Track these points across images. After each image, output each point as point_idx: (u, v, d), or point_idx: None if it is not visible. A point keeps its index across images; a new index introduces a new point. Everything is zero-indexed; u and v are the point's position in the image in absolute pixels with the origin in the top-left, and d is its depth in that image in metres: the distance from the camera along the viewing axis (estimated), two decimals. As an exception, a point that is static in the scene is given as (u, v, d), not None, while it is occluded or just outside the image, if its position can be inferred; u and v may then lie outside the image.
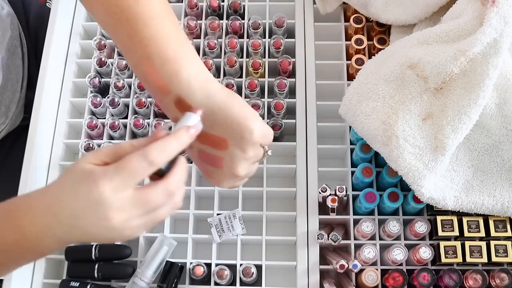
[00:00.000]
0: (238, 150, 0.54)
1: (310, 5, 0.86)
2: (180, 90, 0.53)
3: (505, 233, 0.67)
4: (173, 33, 0.55)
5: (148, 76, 0.54)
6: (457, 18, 0.65)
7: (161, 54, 0.53)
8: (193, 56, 0.55)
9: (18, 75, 0.88)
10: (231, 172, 0.56)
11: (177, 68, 0.53)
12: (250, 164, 0.57)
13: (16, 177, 0.77)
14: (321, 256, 0.72)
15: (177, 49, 0.54)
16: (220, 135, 0.54)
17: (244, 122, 0.53)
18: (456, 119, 0.62)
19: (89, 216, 0.46)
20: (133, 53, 0.55)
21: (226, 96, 0.54)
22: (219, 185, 0.59)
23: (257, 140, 0.54)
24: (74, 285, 0.71)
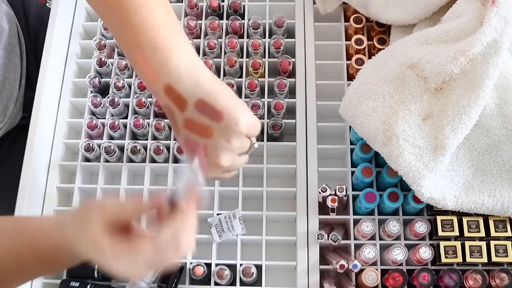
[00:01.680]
0: (222, 139, 0.54)
1: (310, 5, 0.86)
2: (170, 78, 0.53)
3: (505, 233, 0.67)
4: (165, 20, 0.55)
5: (139, 63, 0.54)
6: (457, 18, 0.65)
7: (151, 42, 0.53)
8: (184, 43, 0.55)
9: (16, 73, 0.88)
10: (214, 162, 0.55)
11: (167, 56, 0.53)
12: (235, 155, 0.56)
13: (16, 177, 0.77)
14: (321, 256, 0.72)
15: (168, 37, 0.54)
16: (206, 123, 0.54)
17: (231, 112, 0.53)
18: (456, 119, 0.62)
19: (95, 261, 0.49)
20: (124, 40, 0.55)
21: (215, 85, 0.54)
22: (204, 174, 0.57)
23: (242, 130, 0.54)
24: (74, 285, 0.71)
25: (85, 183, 0.81)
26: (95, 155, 0.79)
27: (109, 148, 0.78)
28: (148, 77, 0.54)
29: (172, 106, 0.55)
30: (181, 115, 0.55)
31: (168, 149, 0.79)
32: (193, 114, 0.54)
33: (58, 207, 0.78)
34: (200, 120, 0.54)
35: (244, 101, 0.80)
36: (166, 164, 0.78)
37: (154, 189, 0.78)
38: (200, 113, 0.54)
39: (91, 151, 0.78)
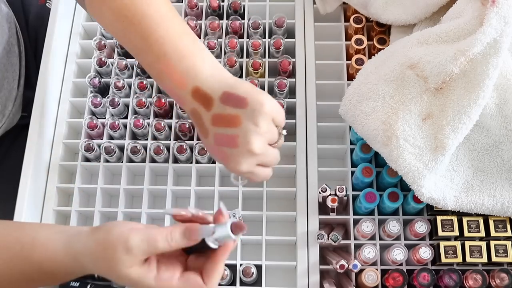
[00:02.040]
0: (250, 124, 0.56)
1: (310, 5, 0.86)
2: (196, 80, 0.57)
3: (505, 233, 0.67)
4: (184, 29, 0.59)
5: (165, 72, 0.58)
6: (457, 18, 0.65)
7: (177, 51, 0.57)
8: (204, 48, 0.59)
9: (14, 73, 0.88)
10: (246, 149, 0.57)
11: (192, 62, 0.57)
12: (265, 142, 0.58)
13: (15, 177, 0.77)
14: (321, 256, 0.72)
15: (190, 44, 0.58)
16: (233, 113, 0.56)
17: (254, 95, 0.56)
18: (456, 119, 0.62)
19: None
20: (148, 53, 0.58)
21: (237, 79, 0.58)
22: (237, 167, 0.59)
23: (268, 111, 0.56)
24: (74, 285, 0.71)
25: (85, 183, 0.81)
26: (95, 155, 0.79)
27: (109, 148, 0.78)
28: (176, 84, 0.58)
29: (199, 108, 0.58)
30: (208, 113, 0.57)
31: (168, 149, 0.79)
32: (220, 108, 0.57)
33: (58, 207, 0.78)
34: (227, 112, 0.56)
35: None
36: (166, 164, 0.78)
37: (154, 189, 0.78)
38: (226, 105, 0.56)
39: (91, 151, 0.78)
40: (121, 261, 0.49)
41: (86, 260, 0.51)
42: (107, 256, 0.49)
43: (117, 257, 0.49)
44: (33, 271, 0.53)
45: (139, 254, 0.49)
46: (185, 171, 0.80)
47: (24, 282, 0.54)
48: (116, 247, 0.49)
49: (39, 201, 0.77)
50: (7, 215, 0.75)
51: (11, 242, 0.54)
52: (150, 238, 0.49)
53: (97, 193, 0.78)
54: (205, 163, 0.78)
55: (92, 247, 0.51)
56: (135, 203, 0.82)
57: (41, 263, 0.53)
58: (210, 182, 0.78)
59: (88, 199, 0.83)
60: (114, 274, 0.50)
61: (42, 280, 0.54)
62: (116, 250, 0.49)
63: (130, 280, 0.50)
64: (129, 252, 0.49)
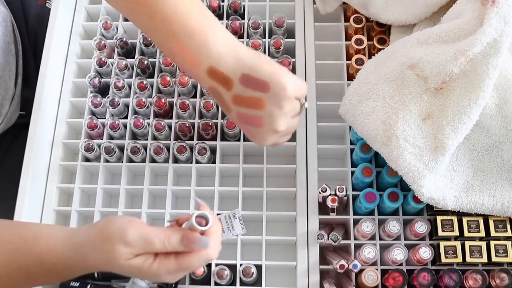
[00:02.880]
0: (275, 107, 0.56)
1: (310, 5, 0.86)
2: (211, 60, 0.55)
3: (505, 233, 0.67)
4: (193, 6, 0.56)
5: (177, 52, 0.56)
6: (457, 18, 0.65)
7: (186, 29, 0.54)
8: (216, 23, 0.57)
9: (11, 72, 0.88)
10: (272, 129, 0.57)
11: (204, 39, 0.55)
12: (289, 119, 0.58)
13: (15, 176, 0.77)
14: (321, 256, 0.72)
15: (201, 21, 0.55)
16: (256, 95, 0.56)
17: (276, 79, 0.55)
18: (456, 119, 0.62)
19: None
20: (157, 32, 0.56)
21: (255, 57, 0.56)
22: (263, 142, 0.60)
23: (291, 94, 0.56)
24: (74, 285, 0.71)
25: (85, 183, 0.81)
26: (95, 155, 0.79)
27: (109, 148, 0.78)
28: (189, 63, 0.56)
29: (218, 87, 0.56)
30: (228, 93, 0.56)
31: (168, 149, 0.79)
32: (241, 90, 0.56)
33: (58, 207, 0.78)
34: (248, 94, 0.56)
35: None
36: (166, 164, 0.78)
37: (154, 189, 0.78)
38: (246, 88, 0.55)
39: (91, 151, 0.78)
40: (120, 254, 0.50)
41: (87, 251, 0.52)
42: (106, 248, 0.50)
43: (115, 250, 0.50)
44: (33, 264, 0.53)
45: (136, 248, 0.50)
46: (185, 171, 0.80)
47: (23, 276, 0.54)
48: (114, 239, 0.50)
49: (39, 201, 0.77)
50: (7, 214, 0.75)
51: (13, 237, 0.54)
52: (148, 238, 0.50)
53: (97, 193, 0.78)
54: (205, 163, 0.78)
55: (93, 237, 0.51)
56: (135, 203, 0.82)
57: (41, 254, 0.53)
58: (210, 182, 0.78)
59: (88, 199, 0.83)
60: (114, 265, 0.51)
61: (41, 274, 0.54)
62: (114, 242, 0.50)
63: (131, 269, 0.50)
64: (127, 245, 0.50)
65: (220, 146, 0.79)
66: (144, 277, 0.53)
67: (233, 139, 0.80)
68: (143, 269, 0.51)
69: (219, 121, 0.79)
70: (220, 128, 0.79)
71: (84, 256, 0.52)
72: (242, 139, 0.79)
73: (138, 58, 0.83)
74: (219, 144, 0.79)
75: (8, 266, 0.53)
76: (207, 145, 0.77)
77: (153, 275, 0.51)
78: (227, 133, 0.79)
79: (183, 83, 0.80)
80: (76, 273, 0.54)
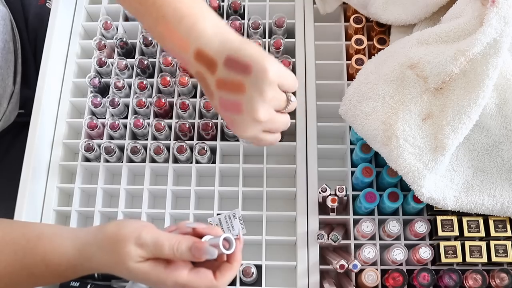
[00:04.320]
0: (255, 92, 0.54)
1: (310, 5, 0.86)
2: (199, 42, 0.55)
3: (505, 233, 0.67)
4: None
5: (166, 35, 0.56)
6: (457, 18, 0.65)
7: (176, 12, 0.55)
8: (207, 9, 0.57)
9: (9, 70, 0.87)
10: (251, 117, 0.56)
11: (192, 22, 0.55)
12: (271, 108, 0.57)
13: (15, 176, 0.77)
14: (321, 256, 0.72)
15: (191, 5, 0.56)
16: (237, 79, 0.55)
17: (258, 62, 0.54)
18: (456, 119, 0.62)
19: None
20: (147, 16, 0.56)
21: (241, 41, 0.56)
22: (244, 133, 0.58)
23: (272, 78, 0.54)
24: (74, 285, 0.71)
25: (85, 183, 0.81)
26: (95, 155, 0.79)
27: (109, 148, 0.78)
28: (178, 46, 0.56)
29: (204, 71, 0.56)
30: (212, 77, 0.56)
31: (168, 149, 0.79)
32: (224, 73, 0.55)
33: (58, 207, 0.78)
34: (231, 78, 0.55)
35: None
36: (166, 164, 0.78)
37: (154, 189, 0.78)
38: (230, 71, 0.55)
39: (91, 151, 0.78)
40: (131, 255, 0.49)
41: (93, 252, 0.51)
42: (117, 249, 0.50)
43: (127, 251, 0.49)
44: (36, 263, 0.53)
45: (147, 251, 0.50)
46: (185, 171, 0.80)
47: (25, 276, 0.54)
48: (128, 240, 0.50)
49: (39, 201, 0.77)
50: (7, 214, 0.75)
51: (17, 237, 0.54)
52: (158, 242, 0.50)
53: (97, 193, 0.78)
54: (205, 163, 0.78)
55: (102, 239, 0.51)
56: (135, 203, 0.82)
57: (45, 254, 0.53)
58: (210, 182, 0.78)
59: (88, 199, 0.83)
60: (122, 267, 0.50)
61: (43, 275, 0.54)
62: (127, 243, 0.50)
63: (139, 273, 0.50)
64: (141, 247, 0.50)
65: (220, 146, 0.79)
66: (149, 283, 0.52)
67: (233, 139, 0.80)
68: (151, 275, 0.50)
69: (219, 121, 0.79)
70: (220, 128, 0.79)
71: (89, 257, 0.52)
72: (242, 139, 0.79)
73: (138, 58, 0.83)
74: (219, 144, 0.79)
75: (11, 266, 0.53)
76: (207, 145, 0.77)
77: (159, 283, 0.51)
78: (227, 133, 0.79)
79: (183, 83, 0.80)
80: (79, 274, 0.54)
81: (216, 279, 0.52)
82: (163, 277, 0.50)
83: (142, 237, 0.50)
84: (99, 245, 0.51)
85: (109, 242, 0.51)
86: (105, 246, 0.51)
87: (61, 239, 0.53)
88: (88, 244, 0.52)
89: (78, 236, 0.53)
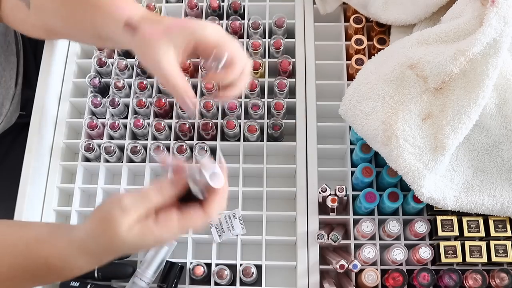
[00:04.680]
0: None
1: (310, 5, 0.86)
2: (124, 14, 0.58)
3: (505, 233, 0.67)
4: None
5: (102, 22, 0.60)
6: (457, 18, 0.65)
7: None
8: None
9: (12, 71, 0.88)
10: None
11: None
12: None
13: (15, 176, 0.77)
14: (321, 256, 0.72)
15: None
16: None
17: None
18: (456, 119, 0.62)
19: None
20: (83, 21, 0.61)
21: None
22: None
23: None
24: (74, 285, 0.71)
25: (85, 183, 0.81)
26: (95, 155, 0.79)
27: (109, 148, 0.78)
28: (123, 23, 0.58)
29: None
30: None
31: (168, 149, 0.79)
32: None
33: (58, 207, 0.78)
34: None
35: (244, 101, 0.80)
36: (166, 164, 0.78)
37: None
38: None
39: (91, 151, 0.78)
40: (120, 225, 0.48)
41: (90, 245, 0.51)
42: (105, 226, 0.49)
43: (114, 223, 0.49)
44: (38, 267, 0.53)
45: (135, 211, 0.49)
46: (185, 171, 0.80)
47: (29, 277, 0.54)
48: (111, 211, 0.49)
49: (39, 201, 0.77)
50: (7, 214, 0.76)
51: (16, 240, 0.54)
52: (142, 194, 0.50)
53: (97, 193, 0.78)
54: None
55: (90, 226, 0.51)
56: (135, 203, 0.82)
57: (47, 258, 0.53)
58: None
59: (88, 199, 0.83)
60: (118, 242, 0.49)
61: (48, 276, 0.54)
62: (112, 215, 0.49)
63: (134, 240, 0.49)
64: (125, 211, 0.49)
65: (220, 146, 0.79)
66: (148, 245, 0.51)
67: (233, 139, 0.80)
68: (145, 235, 0.49)
69: (219, 121, 0.79)
70: (220, 128, 0.79)
71: (89, 253, 0.52)
72: (242, 139, 0.79)
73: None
74: (219, 144, 0.79)
75: (14, 269, 0.54)
76: (207, 145, 0.77)
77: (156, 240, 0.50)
78: (227, 133, 0.79)
79: (183, 83, 0.80)
80: (85, 270, 0.54)
81: (205, 210, 0.51)
82: (157, 233, 0.50)
83: (124, 201, 0.49)
84: (91, 235, 0.51)
85: (97, 223, 0.51)
86: (96, 230, 0.51)
87: (61, 242, 0.53)
88: (83, 241, 0.52)
89: (74, 237, 0.53)
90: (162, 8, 0.88)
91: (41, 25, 0.70)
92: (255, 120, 0.78)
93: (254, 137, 0.78)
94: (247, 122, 0.77)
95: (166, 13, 0.89)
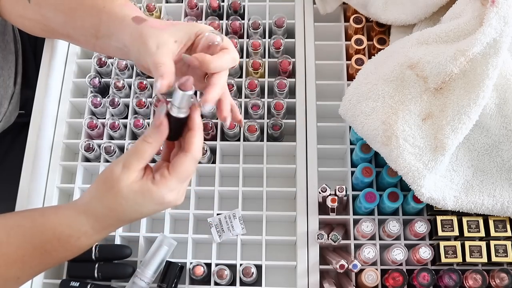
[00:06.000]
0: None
1: (310, 5, 0.86)
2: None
3: (505, 233, 0.67)
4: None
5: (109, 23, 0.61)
6: (457, 18, 0.65)
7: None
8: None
9: (10, 71, 0.87)
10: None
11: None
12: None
13: (16, 176, 0.77)
14: (321, 256, 0.72)
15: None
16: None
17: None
18: (456, 119, 0.62)
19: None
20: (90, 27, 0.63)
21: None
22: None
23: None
24: (74, 285, 0.71)
25: (85, 183, 0.81)
26: (95, 155, 0.79)
27: (109, 148, 0.78)
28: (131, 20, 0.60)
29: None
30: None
31: (168, 149, 0.79)
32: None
33: (58, 207, 0.78)
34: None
35: (244, 101, 0.80)
36: (166, 164, 0.78)
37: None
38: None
39: (91, 151, 0.78)
40: (122, 180, 0.51)
41: (93, 204, 0.53)
42: (109, 184, 0.52)
43: (117, 180, 0.51)
44: (48, 239, 0.54)
45: (134, 167, 0.51)
46: (185, 171, 0.80)
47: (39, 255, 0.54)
48: (113, 170, 0.51)
49: (39, 201, 0.77)
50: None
51: (20, 220, 0.55)
52: (134, 149, 0.52)
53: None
54: (205, 163, 0.78)
55: (95, 187, 0.53)
56: (135, 203, 0.82)
57: (54, 229, 0.54)
58: (210, 182, 0.78)
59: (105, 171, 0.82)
60: (120, 200, 0.51)
61: (57, 250, 0.54)
62: (113, 173, 0.51)
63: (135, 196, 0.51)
64: (125, 166, 0.51)
65: (220, 146, 0.79)
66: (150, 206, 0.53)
67: (233, 139, 0.80)
68: (145, 193, 0.51)
69: (219, 121, 0.79)
70: (220, 128, 0.79)
71: (94, 214, 0.53)
72: (242, 139, 0.79)
73: (138, 58, 0.83)
74: (219, 144, 0.79)
75: (23, 248, 0.54)
76: (207, 145, 0.77)
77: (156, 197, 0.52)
78: (227, 133, 0.79)
79: (183, 83, 0.80)
80: (93, 238, 0.55)
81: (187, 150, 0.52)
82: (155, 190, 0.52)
83: (124, 159, 0.52)
84: (96, 194, 0.53)
85: (100, 184, 0.53)
86: (100, 190, 0.53)
87: (65, 210, 0.55)
88: (88, 204, 0.54)
89: (78, 203, 0.55)
90: (162, 8, 0.88)
91: (39, 19, 0.70)
92: (255, 120, 0.78)
93: (254, 137, 0.78)
94: (247, 122, 0.77)
95: (166, 13, 0.89)
